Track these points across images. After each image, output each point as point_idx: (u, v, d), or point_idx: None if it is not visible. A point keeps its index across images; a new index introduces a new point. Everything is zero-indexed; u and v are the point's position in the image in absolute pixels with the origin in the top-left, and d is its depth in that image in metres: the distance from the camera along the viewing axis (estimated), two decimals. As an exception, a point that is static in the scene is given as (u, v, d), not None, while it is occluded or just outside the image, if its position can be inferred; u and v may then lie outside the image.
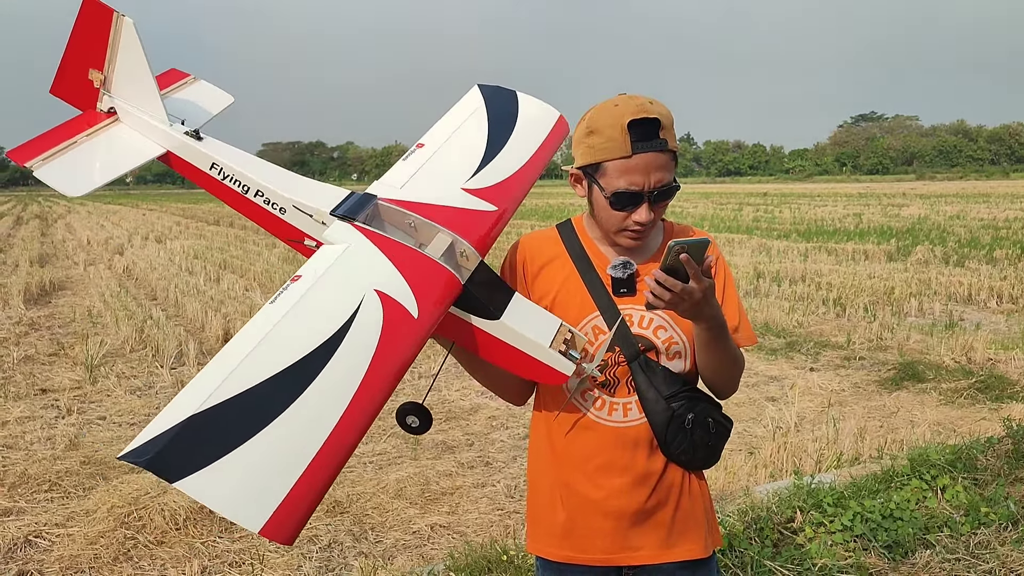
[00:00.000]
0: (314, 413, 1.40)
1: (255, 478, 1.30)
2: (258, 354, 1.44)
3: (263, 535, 1.26)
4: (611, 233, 1.85)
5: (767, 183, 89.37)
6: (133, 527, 4.51)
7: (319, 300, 1.59)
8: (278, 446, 1.34)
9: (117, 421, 6.62)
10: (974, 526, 3.94)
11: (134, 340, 9.20)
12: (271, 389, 1.39)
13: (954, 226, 22.20)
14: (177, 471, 1.25)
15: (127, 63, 1.97)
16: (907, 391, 7.17)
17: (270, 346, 1.47)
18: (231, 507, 1.26)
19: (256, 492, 1.29)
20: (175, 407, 1.34)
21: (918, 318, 10.39)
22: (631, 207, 1.79)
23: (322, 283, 1.63)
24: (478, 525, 4.66)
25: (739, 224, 25.22)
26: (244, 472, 1.29)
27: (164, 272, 15.15)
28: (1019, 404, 6.48)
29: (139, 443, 1.28)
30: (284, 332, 1.50)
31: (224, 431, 1.32)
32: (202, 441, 1.29)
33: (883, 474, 4.52)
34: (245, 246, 21.05)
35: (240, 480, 1.28)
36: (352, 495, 5.03)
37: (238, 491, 1.28)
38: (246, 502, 1.27)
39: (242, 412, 1.35)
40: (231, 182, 1.93)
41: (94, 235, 25.52)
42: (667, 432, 1.85)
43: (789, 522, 4.01)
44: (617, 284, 1.87)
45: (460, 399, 7.15)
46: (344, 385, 1.45)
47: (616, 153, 1.75)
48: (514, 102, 2.26)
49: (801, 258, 15.92)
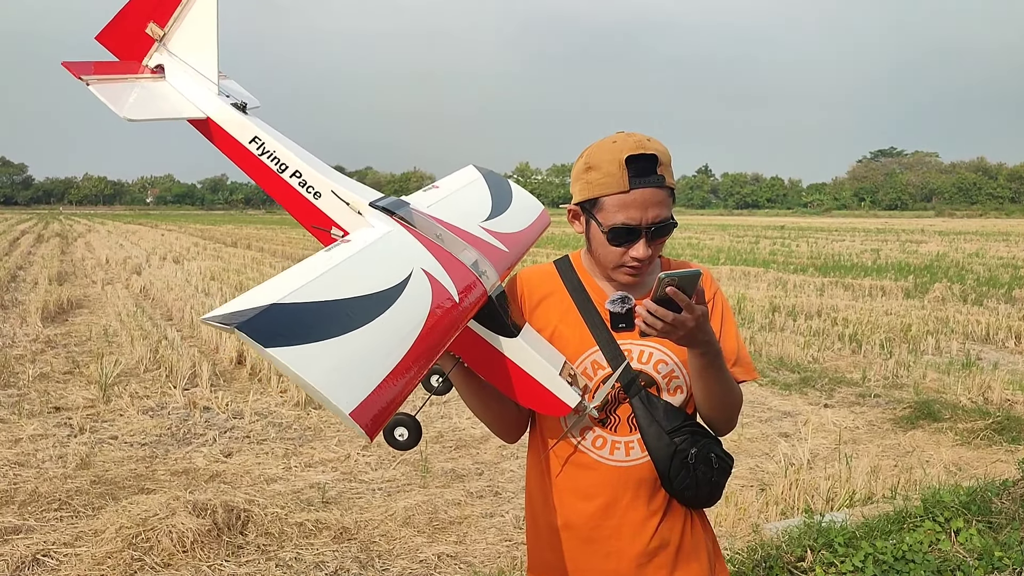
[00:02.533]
0: (395, 329, 1.43)
1: (349, 365, 1.30)
2: (328, 279, 1.44)
3: (353, 417, 1.23)
4: (609, 269, 1.85)
5: (784, 216, 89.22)
6: (140, 548, 4.51)
7: (374, 259, 1.60)
8: (368, 346, 1.36)
9: (129, 441, 6.65)
10: (988, 570, 3.88)
11: (148, 360, 9.26)
12: (350, 306, 1.41)
13: (973, 264, 22.06)
14: (270, 338, 1.21)
15: (195, 25, 1.95)
16: (922, 430, 7.09)
17: (337, 278, 1.46)
18: (327, 383, 1.23)
19: (350, 377, 1.28)
20: (249, 296, 1.30)
21: (935, 356, 10.29)
22: (628, 243, 1.78)
23: (374, 248, 1.65)
24: (486, 556, 4.63)
25: (756, 257, 25.15)
26: (338, 358, 1.29)
27: (180, 293, 15.26)
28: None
29: (220, 312, 1.23)
30: (350, 271, 1.51)
31: (313, 323, 1.31)
32: (294, 322, 1.28)
33: (896, 515, 4.46)
34: (262, 268, 21.19)
35: (335, 363, 1.28)
36: (360, 522, 5.01)
37: (333, 371, 1.26)
38: (340, 383, 1.25)
39: (328, 314, 1.35)
40: (269, 159, 1.89)
41: (113, 254, 25.77)
42: (670, 468, 1.83)
43: (799, 561, 3.96)
44: (616, 319, 1.83)
45: (471, 427, 7.13)
46: (411, 321, 1.48)
47: (614, 188, 1.75)
48: (508, 189, 2.34)
49: (817, 293, 15.85)
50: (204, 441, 6.67)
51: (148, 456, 6.29)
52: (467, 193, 2.18)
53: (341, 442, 6.66)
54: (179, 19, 1.94)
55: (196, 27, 1.95)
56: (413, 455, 6.31)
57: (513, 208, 2.23)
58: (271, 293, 1.32)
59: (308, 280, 1.40)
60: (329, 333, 1.31)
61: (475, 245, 1.88)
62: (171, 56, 1.97)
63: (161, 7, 1.94)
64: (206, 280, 17.69)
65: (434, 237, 1.82)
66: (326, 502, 5.38)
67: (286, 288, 1.35)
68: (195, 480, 5.75)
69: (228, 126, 1.91)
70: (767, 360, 9.78)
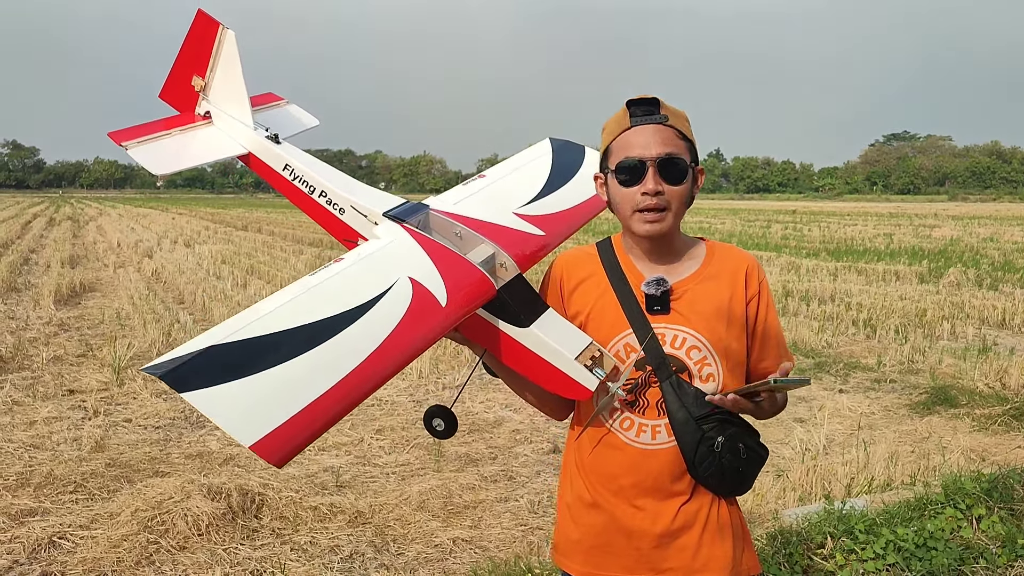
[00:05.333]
0: (326, 363, 1.55)
1: (258, 403, 1.45)
2: (285, 310, 1.62)
3: (253, 450, 1.41)
4: (628, 220, 1.85)
5: (796, 201, 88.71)
6: (156, 531, 4.50)
7: (355, 277, 1.76)
8: (286, 382, 1.49)
9: (143, 424, 6.65)
10: (1011, 558, 3.83)
11: (161, 343, 9.26)
12: (290, 338, 1.55)
13: (987, 249, 21.86)
14: (185, 385, 1.41)
15: (225, 71, 2.20)
16: (939, 416, 7.03)
17: (297, 306, 1.64)
18: (229, 421, 1.41)
19: (255, 414, 1.44)
20: (199, 339, 1.50)
21: (950, 341, 10.20)
22: (637, 179, 1.80)
23: (361, 264, 1.81)
24: (501, 540, 4.60)
25: (768, 242, 25.01)
26: (249, 396, 1.44)
27: (192, 276, 15.28)
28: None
29: (160, 360, 1.45)
30: (314, 297, 1.67)
31: (238, 362, 1.47)
32: (215, 365, 1.46)
33: (916, 501, 4.40)
34: (272, 252, 21.20)
35: (243, 402, 1.44)
36: (375, 506, 5.00)
37: (239, 410, 1.43)
38: (244, 421, 1.42)
39: (259, 350, 1.51)
40: (300, 182, 2.12)
41: (124, 238, 25.82)
42: (695, 454, 1.81)
43: (819, 548, 3.92)
44: (651, 301, 1.85)
45: (484, 411, 7.10)
46: (361, 345, 1.60)
47: (615, 132, 1.84)
48: (581, 155, 2.44)
49: (831, 277, 15.74)
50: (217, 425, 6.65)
51: (162, 439, 6.29)
52: (518, 177, 2.29)
53: (355, 426, 6.65)
54: (213, 68, 2.22)
55: (227, 74, 2.21)
56: (427, 440, 6.29)
57: (572, 184, 2.30)
58: (216, 334, 1.51)
59: (258, 317, 1.57)
60: (253, 370, 1.47)
61: (500, 237, 1.96)
62: (212, 103, 2.27)
63: (199, 60, 2.23)
64: (217, 264, 17.70)
65: (452, 237, 1.96)
66: (340, 486, 5.36)
67: (233, 327, 1.53)
68: (209, 463, 5.75)
69: (265, 157, 2.18)
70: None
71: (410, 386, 7.87)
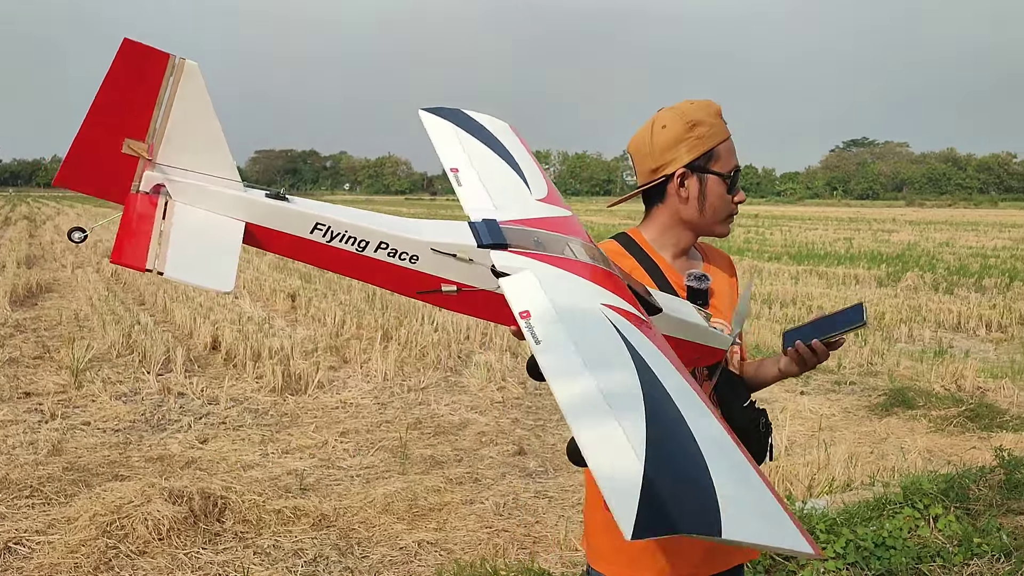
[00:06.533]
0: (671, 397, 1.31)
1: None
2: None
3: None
4: (717, 223, 1.93)
5: (758, 205, 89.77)
6: (115, 536, 4.43)
7: (586, 338, 1.41)
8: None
9: (102, 427, 6.53)
10: (967, 556, 3.92)
11: (121, 345, 9.11)
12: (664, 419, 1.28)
13: (943, 253, 22.34)
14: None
15: (185, 121, 1.51)
16: (897, 417, 7.16)
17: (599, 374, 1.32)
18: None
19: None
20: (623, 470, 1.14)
21: (908, 344, 10.40)
22: (735, 188, 1.91)
23: (565, 318, 1.45)
24: (466, 543, 4.60)
25: (731, 245, 25.26)
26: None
27: (153, 277, 15.03)
28: (1009, 433, 6.48)
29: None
30: (609, 380, 1.32)
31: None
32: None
33: (875, 501, 4.49)
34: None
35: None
36: (339, 509, 4.96)
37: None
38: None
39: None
40: (343, 241, 1.55)
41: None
42: (750, 439, 1.91)
43: (781, 548, 3.97)
44: (694, 295, 1.90)
45: (450, 414, 7.09)
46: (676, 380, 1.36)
47: (722, 136, 1.88)
48: (470, 118, 2.14)
49: (792, 281, 15.95)
50: (179, 427, 6.57)
51: (122, 442, 6.19)
52: (480, 161, 1.97)
53: (318, 428, 6.60)
54: (163, 119, 1.49)
55: (190, 120, 1.51)
56: (392, 442, 6.27)
57: (510, 147, 2.04)
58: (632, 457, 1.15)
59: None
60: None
61: (560, 227, 1.72)
62: (168, 169, 1.51)
63: (129, 121, 1.46)
64: (179, 264, 17.42)
65: (533, 247, 1.63)
66: (304, 489, 5.32)
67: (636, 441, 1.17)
68: (170, 467, 5.66)
69: (276, 224, 1.54)
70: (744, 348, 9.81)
71: (375, 388, 7.83)
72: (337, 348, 9.21)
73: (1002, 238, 29.46)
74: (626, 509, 1.04)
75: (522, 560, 4.27)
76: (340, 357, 8.96)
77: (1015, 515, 4.28)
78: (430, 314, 11.03)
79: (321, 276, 15.41)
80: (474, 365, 8.47)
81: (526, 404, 7.39)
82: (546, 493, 5.35)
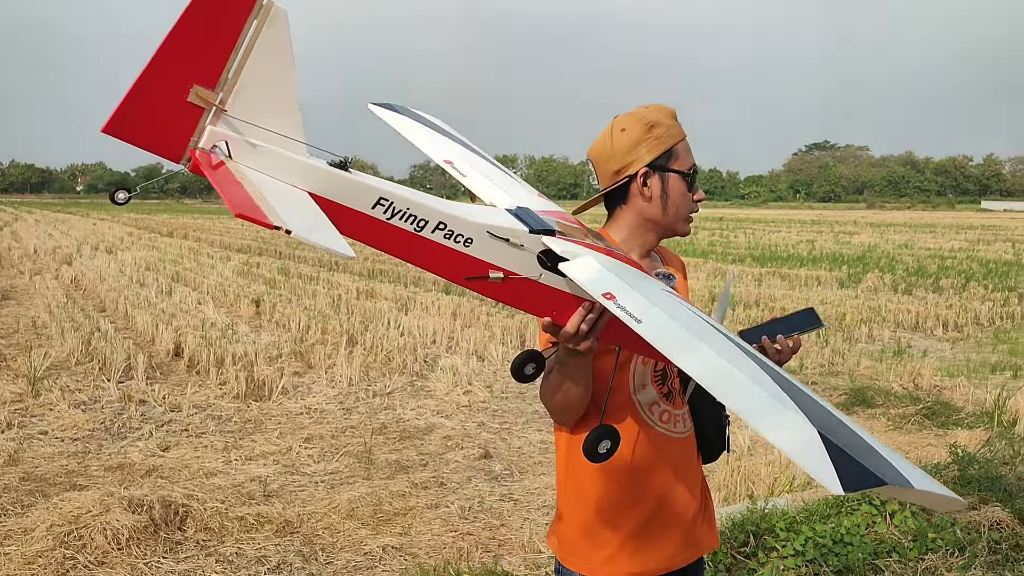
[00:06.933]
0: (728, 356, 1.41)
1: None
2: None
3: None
4: (679, 222, 1.98)
5: (723, 208, 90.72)
6: (73, 547, 4.36)
7: (676, 313, 1.47)
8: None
9: (60, 436, 6.43)
10: (921, 551, 4.00)
11: (80, 353, 8.96)
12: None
13: (902, 255, 22.76)
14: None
15: (263, 72, 1.36)
16: (857, 416, 7.27)
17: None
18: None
19: None
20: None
21: (868, 344, 10.58)
22: (693, 186, 1.97)
23: (648, 296, 1.48)
24: (431, 547, 4.59)
25: (695, 248, 25.51)
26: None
27: (114, 284, 14.82)
28: (964, 431, 6.61)
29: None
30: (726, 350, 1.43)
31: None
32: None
33: (834, 499, 4.55)
34: (199, 258, 20.71)
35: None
36: (303, 515, 4.93)
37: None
38: None
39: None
40: (403, 219, 1.47)
41: (41, 244, 24.90)
42: (720, 435, 2.07)
43: (742, 546, 4.02)
44: None
45: (415, 418, 7.08)
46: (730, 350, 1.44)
47: (679, 136, 1.94)
48: (424, 116, 2.15)
49: (755, 283, 16.14)
50: (140, 435, 6.49)
51: (80, 452, 6.09)
52: (460, 154, 1.98)
53: (283, 434, 6.55)
54: (238, 70, 1.34)
55: (268, 75, 1.37)
56: (356, 447, 6.24)
57: (464, 141, 2.06)
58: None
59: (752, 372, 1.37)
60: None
61: (569, 220, 1.76)
62: (238, 126, 1.37)
63: (203, 62, 1.31)
64: (141, 270, 17.22)
65: (591, 240, 1.68)
66: (268, 495, 5.28)
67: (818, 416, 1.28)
68: (131, 475, 5.59)
69: (338, 195, 1.43)
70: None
71: (340, 394, 7.79)
72: (302, 354, 9.14)
73: (958, 239, 30.14)
74: (822, 467, 1.14)
75: (486, 563, 4.28)
76: (305, 363, 8.90)
77: (968, 510, 4.37)
78: (396, 318, 11.00)
79: (286, 281, 15.30)
80: (440, 369, 8.46)
81: (492, 407, 7.40)
82: (511, 496, 5.36)
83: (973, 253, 23.57)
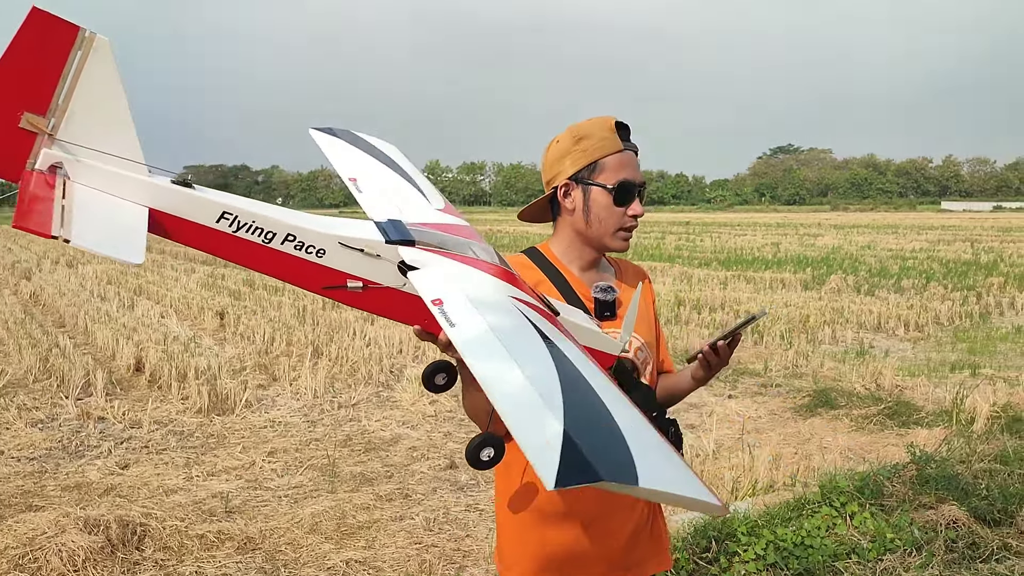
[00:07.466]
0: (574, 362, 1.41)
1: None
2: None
3: None
4: (607, 236, 1.93)
5: (689, 212, 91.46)
6: (28, 570, 4.26)
7: (499, 321, 1.47)
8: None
9: (15, 455, 6.29)
10: (880, 552, 4.04)
11: (38, 370, 8.78)
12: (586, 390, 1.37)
13: (865, 256, 23.09)
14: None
15: (91, 98, 1.46)
16: (820, 417, 7.35)
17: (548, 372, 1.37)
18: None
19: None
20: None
21: (831, 345, 10.70)
22: (630, 200, 1.91)
23: (478, 305, 1.50)
24: (395, 560, 4.56)
25: (662, 252, 25.68)
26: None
27: (74, 298, 14.57)
28: (923, 430, 6.71)
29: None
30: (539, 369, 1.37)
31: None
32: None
33: (795, 501, 4.60)
34: (163, 271, 20.45)
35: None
36: (265, 530, 4.87)
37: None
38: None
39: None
40: (250, 232, 1.54)
41: (0, 258, 24.43)
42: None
43: (704, 552, 4.04)
44: (601, 307, 1.92)
45: (380, 430, 7.03)
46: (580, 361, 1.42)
47: (610, 149, 1.89)
48: (360, 137, 2.17)
49: (721, 286, 16.28)
50: (98, 453, 6.37)
51: (36, 471, 5.97)
52: (375, 172, 1.99)
53: (246, 449, 6.47)
54: (65, 98, 1.44)
55: (97, 98, 1.47)
56: (321, 460, 6.18)
57: (400, 162, 2.06)
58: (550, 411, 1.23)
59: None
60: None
61: (460, 234, 1.75)
62: (70, 147, 1.45)
63: (31, 91, 1.41)
64: (102, 284, 16.96)
65: (464, 252, 1.67)
66: (229, 512, 5.20)
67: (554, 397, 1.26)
68: (88, 495, 5.48)
69: (182, 211, 1.51)
70: (673, 353, 9.97)
71: (304, 406, 7.71)
72: (266, 366, 9.05)
73: (919, 240, 30.67)
74: (547, 462, 1.11)
75: (448, 575, 4.25)
76: (269, 375, 8.81)
77: (926, 509, 4.43)
78: (362, 329, 10.93)
79: (251, 293, 15.13)
80: (406, 379, 8.41)
81: (458, 417, 7.37)
82: (477, 506, 5.34)
83: (934, 253, 23.99)
